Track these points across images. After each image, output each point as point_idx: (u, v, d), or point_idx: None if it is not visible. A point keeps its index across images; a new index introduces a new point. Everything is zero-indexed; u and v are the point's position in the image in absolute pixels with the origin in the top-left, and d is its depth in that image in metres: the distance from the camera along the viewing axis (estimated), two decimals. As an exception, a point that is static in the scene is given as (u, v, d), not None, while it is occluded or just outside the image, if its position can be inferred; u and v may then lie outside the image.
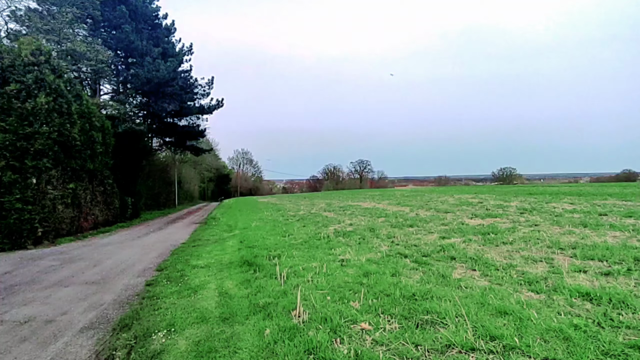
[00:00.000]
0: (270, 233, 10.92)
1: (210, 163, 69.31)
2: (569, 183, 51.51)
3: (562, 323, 3.36)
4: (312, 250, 7.83)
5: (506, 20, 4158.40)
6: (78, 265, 8.34)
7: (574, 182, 66.55)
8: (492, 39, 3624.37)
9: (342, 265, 6.27)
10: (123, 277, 7.14)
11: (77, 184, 13.93)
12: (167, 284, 6.23)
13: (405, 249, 7.35)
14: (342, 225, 11.52)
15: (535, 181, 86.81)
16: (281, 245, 8.65)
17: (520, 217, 10.98)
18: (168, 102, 23.49)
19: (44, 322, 4.79)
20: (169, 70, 22.24)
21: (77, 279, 7.05)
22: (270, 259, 7.11)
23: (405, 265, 6.03)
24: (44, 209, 11.96)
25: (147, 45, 22.27)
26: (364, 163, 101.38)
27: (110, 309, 5.21)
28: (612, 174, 75.91)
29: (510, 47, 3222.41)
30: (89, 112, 14.92)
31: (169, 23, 29.52)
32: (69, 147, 13.10)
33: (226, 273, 6.66)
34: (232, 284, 5.84)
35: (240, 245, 9.38)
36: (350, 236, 9.28)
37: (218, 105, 32.44)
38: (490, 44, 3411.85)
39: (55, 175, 12.50)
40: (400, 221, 11.58)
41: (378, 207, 17.13)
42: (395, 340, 3.31)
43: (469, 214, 12.29)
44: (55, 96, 12.60)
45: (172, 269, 7.47)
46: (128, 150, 19.93)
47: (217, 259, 8.05)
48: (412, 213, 13.81)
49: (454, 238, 8.29)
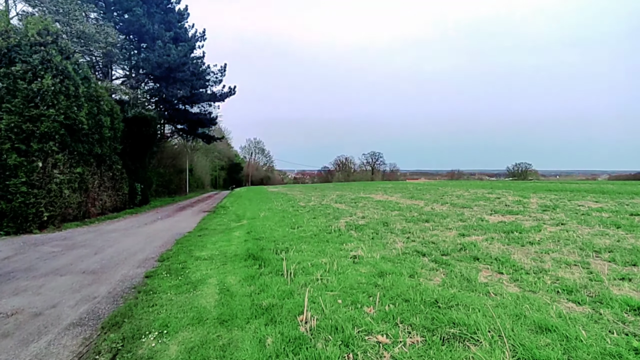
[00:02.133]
0: (279, 224, 10.48)
1: (222, 151, 69.30)
2: (586, 180, 49.88)
3: (619, 345, 2.82)
4: (322, 244, 7.36)
5: (526, 11, 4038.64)
6: (79, 253, 8.02)
7: (591, 179, 64.57)
8: (509, 31, 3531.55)
9: (355, 263, 5.79)
10: (123, 267, 6.78)
11: (84, 168, 13.67)
12: (166, 277, 5.83)
13: (423, 246, 6.83)
14: (354, 218, 11.03)
15: (551, 177, 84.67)
16: (290, 237, 8.19)
17: (544, 215, 10.35)
18: (179, 88, 23.08)
19: (31, 316, 4.43)
20: (180, 54, 21.79)
21: (75, 268, 6.72)
22: (278, 253, 6.66)
23: (423, 264, 5.52)
24: (49, 193, 11.71)
25: (158, 29, 21.83)
26: (376, 155, 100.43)
27: (103, 303, 4.83)
28: (631, 172, 73.55)
29: (529, 40, 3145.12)
30: (98, 96, 14.60)
31: (182, 8, 29.06)
32: (76, 130, 12.79)
33: (230, 267, 6.22)
34: (234, 279, 5.40)
35: (247, 237, 8.96)
36: (363, 230, 8.78)
37: (230, 93, 32.01)
38: (507, 36, 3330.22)
39: (61, 159, 12.22)
40: (415, 215, 11.04)
41: (391, 200, 16.58)
42: (418, 359, 2.82)
43: (488, 210, 11.69)
44: (62, 78, 12.26)
45: (174, 259, 7.08)
46: (138, 135, 19.65)
47: (222, 251, 7.64)
48: (427, 207, 13.24)
49: (474, 236, 7.74)
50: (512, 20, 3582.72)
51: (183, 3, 28.88)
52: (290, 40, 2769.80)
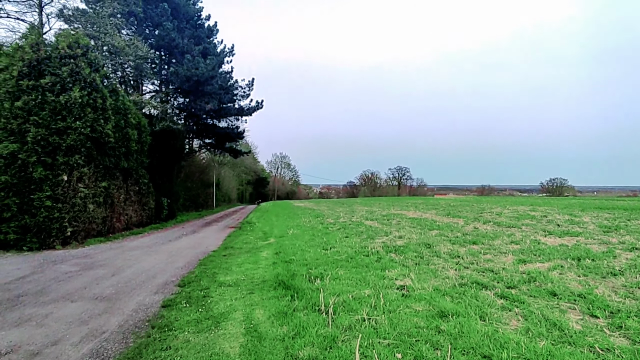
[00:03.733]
0: (309, 244, 9.64)
1: (248, 166, 69.65)
2: (627, 197, 46.44)
3: None
4: (360, 270, 6.45)
5: (551, 24, 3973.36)
6: (96, 274, 7.43)
7: (632, 195, 60.37)
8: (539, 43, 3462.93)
9: (405, 297, 4.85)
10: (139, 292, 6.09)
11: (110, 182, 13.38)
12: (185, 308, 5.07)
13: (480, 275, 5.82)
14: (391, 238, 10.05)
15: (587, 194, 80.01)
16: (323, 260, 7.33)
17: (609, 237, 9.02)
18: (207, 101, 22.97)
19: (27, 356, 3.75)
20: (209, 68, 21.71)
21: (89, 292, 6.09)
22: (311, 281, 5.80)
23: (490, 301, 4.52)
24: (74, 207, 11.38)
25: (187, 43, 21.93)
26: (402, 170, 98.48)
27: (111, 342, 4.10)
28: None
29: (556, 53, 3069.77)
30: (125, 109, 14.42)
31: (211, 24, 29.33)
32: (102, 143, 12.54)
33: (257, 296, 5.41)
34: (263, 314, 4.57)
35: (275, 258, 8.16)
36: (404, 253, 7.81)
37: (257, 107, 31.82)
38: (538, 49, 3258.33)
39: (87, 172, 11.94)
40: (459, 236, 9.95)
41: (426, 218, 15.43)
42: None
43: (540, 231, 10.42)
44: (90, 90, 12.07)
45: (195, 285, 6.34)
46: (165, 149, 19.50)
47: (248, 275, 6.85)
48: (468, 226, 12.06)
49: (537, 262, 6.63)
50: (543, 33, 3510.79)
51: (212, 20, 29.14)
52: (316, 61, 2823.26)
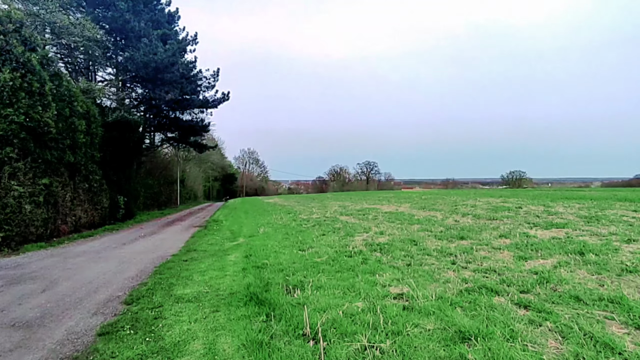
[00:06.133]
0: (283, 244, 8.61)
1: (215, 162, 67.28)
2: (579, 188, 48.71)
3: None
4: (346, 275, 5.53)
5: (513, 20, 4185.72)
6: (22, 289, 6.03)
7: (584, 186, 63.70)
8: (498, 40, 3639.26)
9: (406, 310, 3.97)
10: (72, 313, 4.84)
11: (52, 179, 11.69)
12: (128, 336, 3.91)
13: (483, 276, 5.07)
14: (372, 235, 9.24)
15: (543, 185, 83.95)
16: (301, 264, 6.33)
17: (597, 228, 8.61)
18: (167, 90, 21.15)
19: None
20: (168, 53, 19.96)
21: (7, 316, 4.77)
22: (290, 292, 4.79)
23: (511, 313, 3.72)
24: (4, 208, 9.70)
25: (145, 27, 20.00)
26: (370, 165, 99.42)
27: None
28: (623, 179, 73.18)
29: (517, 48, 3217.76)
30: (70, 95, 12.68)
31: (172, 10, 27.33)
32: (41, 134, 10.84)
33: (223, 316, 4.33)
34: (231, 345, 3.50)
35: (245, 263, 7.06)
36: (391, 252, 6.97)
37: (223, 99, 30.13)
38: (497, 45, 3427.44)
39: (21, 168, 10.25)
40: (443, 230, 9.28)
41: (402, 212, 14.78)
42: None
43: (523, 222, 9.98)
44: (24, 72, 10.35)
45: (146, 301, 5.14)
46: (121, 142, 17.73)
47: (213, 286, 5.72)
48: (448, 220, 11.45)
49: (539, 259, 5.98)
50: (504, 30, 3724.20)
51: (173, 5, 27.08)
52: (285, 52, 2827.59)
